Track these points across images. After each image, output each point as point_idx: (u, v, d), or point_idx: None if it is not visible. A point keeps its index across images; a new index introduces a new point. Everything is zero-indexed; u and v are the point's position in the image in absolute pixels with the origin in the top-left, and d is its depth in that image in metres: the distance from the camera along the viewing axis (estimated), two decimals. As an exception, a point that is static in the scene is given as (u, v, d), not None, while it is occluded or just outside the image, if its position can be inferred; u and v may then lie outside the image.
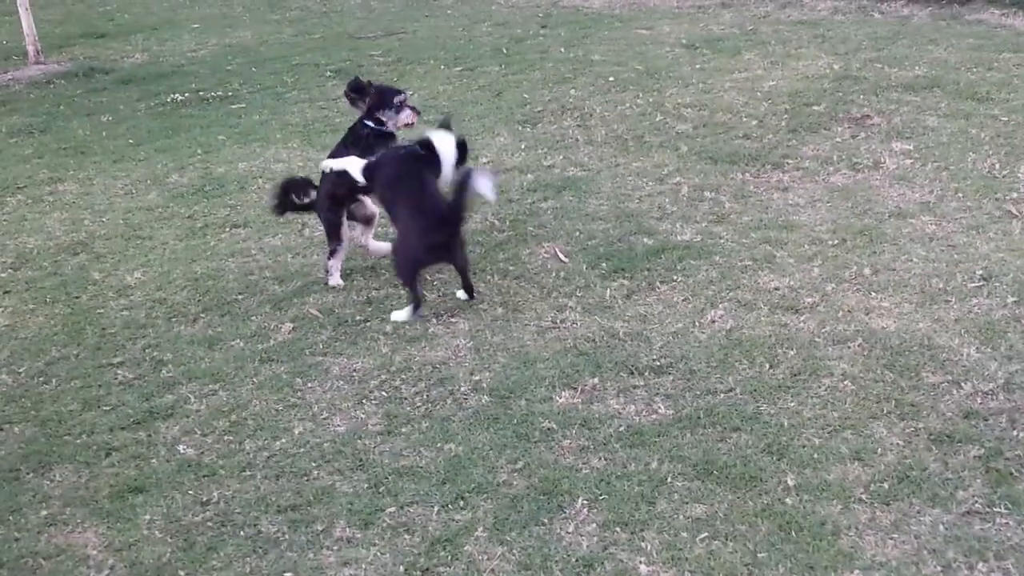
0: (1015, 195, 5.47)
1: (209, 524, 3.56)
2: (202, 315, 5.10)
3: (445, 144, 4.94)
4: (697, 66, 8.63)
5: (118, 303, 5.32)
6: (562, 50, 9.74)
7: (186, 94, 9.67)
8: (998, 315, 4.35)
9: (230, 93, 9.55)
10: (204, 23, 13.65)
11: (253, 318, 5.01)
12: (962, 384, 3.91)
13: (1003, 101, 6.89)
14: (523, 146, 7.04)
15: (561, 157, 6.75)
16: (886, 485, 3.42)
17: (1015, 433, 3.59)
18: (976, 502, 3.30)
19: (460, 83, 8.94)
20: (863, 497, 3.38)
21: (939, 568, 3.06)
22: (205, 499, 3.69)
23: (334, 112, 8.47)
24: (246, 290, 5.32)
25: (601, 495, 3.50)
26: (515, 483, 3.61)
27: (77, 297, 5.44)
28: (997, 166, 5.86)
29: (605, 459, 3.69)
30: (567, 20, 11.29)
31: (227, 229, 6.17)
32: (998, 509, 3.26)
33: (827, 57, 8.44)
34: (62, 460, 4.01)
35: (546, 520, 3.41)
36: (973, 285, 4.61)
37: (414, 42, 10.99)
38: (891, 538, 3.19)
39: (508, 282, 5.09)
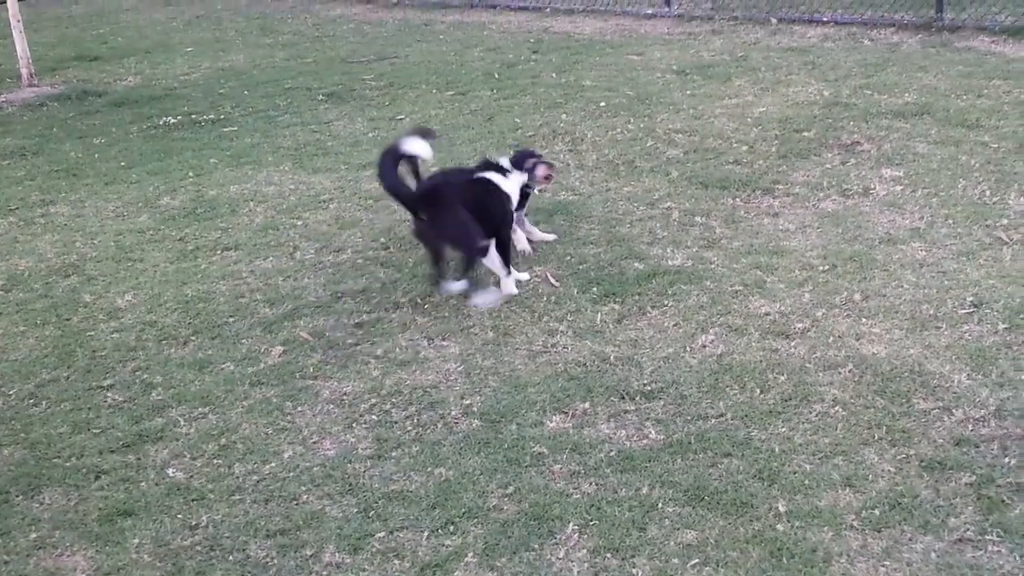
0: (1005, 222, 5.49)
1: (198, 548, 3.53)
2: (192, 338, 5.09)
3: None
4: (688, 92, 8.68)
5: (108, 325, 5.31)
6: (553, 75, 9.80)
7: (178, 117, 9.68)
8: (989, 342, 4.36)
9: (222, 116, 9.57)
10: (197, 47, 13.69)
11: (243, 341, 5.00)
12: (953, 411, 3.91)
13: (993, 128, 6.93)
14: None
15: (552, 182, 6.77)
16: (877, 512, 3.41)
17: (1007, 460, 3.60)
18: (968, 530, 3.30)
19: (452, 107, 8.97)
20: (854, 524, 3.37)
21: (931, 595, 3.05)
22: (194, 523, 3.67)
23: (326, 136, 8.49)
24: (236, 313, 5.31)
25: (592, 520, 3.48)
26: (505, 508, 3.60)
27: (68, 319, 5.42)
28: (987, 193, 5.89)
29: (596, 484, 3.68)
30: (558, 46, 11.35)
31: (218, 252, 6.16)
32: (990, 537, 3.26)
33: (817, 84, 8.50)
34: (51, 483, 3.99)
35: (536, 545, 3.40)
36: (964, 312, 4.62)
37: (406, 67, 11.04)
38: (883, 565, 3.19)
39: (499, 306, 5.09)
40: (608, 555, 3.32)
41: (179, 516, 3.71)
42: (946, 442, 3.73)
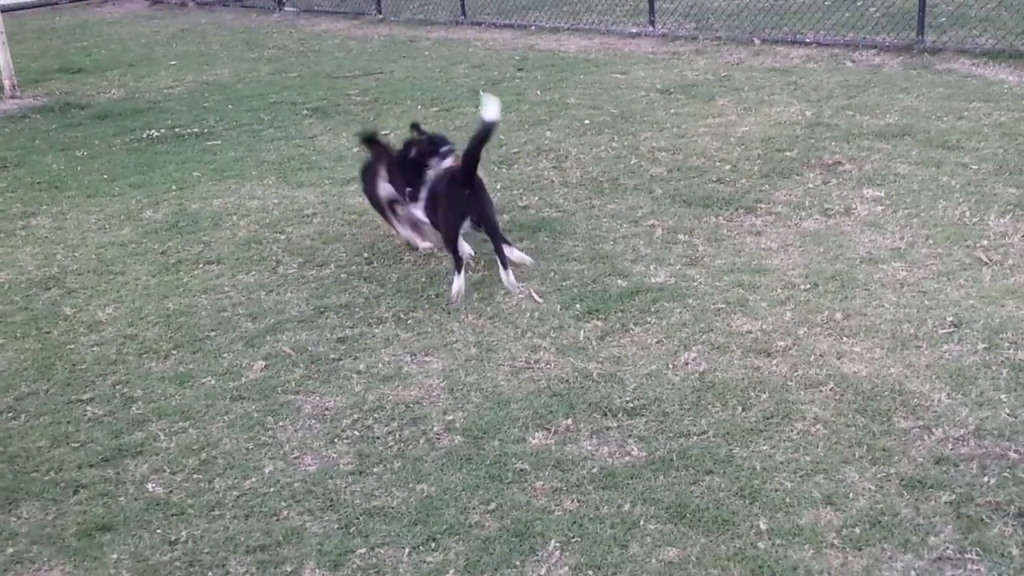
0: (985, 242, 5.54)
1: (177, 564, 3.51)
2: (173, 352, 5.06)
3: None
4: (671, 111, 8.72)
5: (89, 339, 5.28)
6: (538, 93, 9.83)
7: (162, 130, 9.66)
8: (969, 361, 4.39)
9: (206, 130, 9.56)
10: (181, 60, 13.67)
11: (225, 355, 4.98)
12: (933, 430, 3.93)
13: (973, 150, 7.00)
14: (499, 186, 7.07)
15: (536, 198, 6.79)
16: (858, 530, 3.42)
17: (986, 479, 3.62)
18: (947, 548, 3.31)
19: (437, 123, 8.99)
20: (835, 542, 3.38)
21: (911, 614, 3.06)
22: (173, 538, 3.64)
23: (311, 150, 8.49)
24: (218, 327, 5.29)
25: (574, 537, 3.48)
26: (487, 524, 3.59)
27: (48, 332, 5.39)
28: (967, 214, 5.94)
29: (578, 501, 3.67)
30: (543, 64, 11.40)
31: (200, 265, 6.14)
32: (969, 555, 3.27)
33: (799, 104, 8.56)
34: (29, 497, 3.95)
35: (518, 563, 3.39)
36: (944, 331, 4.65)
37: (391, 82, 11.06)
38: (863, 583, 3.19)
39: (482, 322, 5.10)
40: (590, 572, 3.31)
41: (158, 531, 3.69)
42: (926, 461, 3.75)
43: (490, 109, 5.27)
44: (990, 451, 3.77)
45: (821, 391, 4.25)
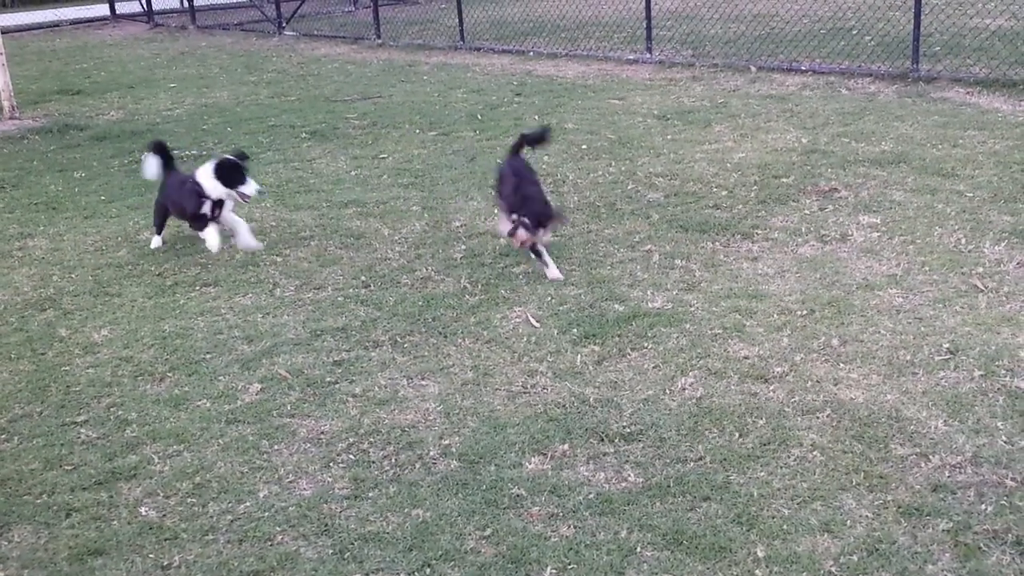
0: (981, 269, 5.55)
1: (169, 589, 3.48)
2: (169, 374, 5.05)
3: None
4: (668, 137, 8.76)
5: (84, 360, 5.26)
6: (536, 117, 9.87)
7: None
8: (965, 388, 4.38)
9: (204, 152, 9.57)
10: (180, 83, 13.72)
11: (220, 378, 4.96)
12: (930, 457, 3.92)
13: (968, 177, 7.03)
14: (496, 211, 7.08)
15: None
16: (855, 558, 3.41)
17: (983, 507, 3.60)
18: (945, 576, 3.29)
19: (435, 147, 9.02)
20: (832, 570, 3.36)
21: (908, 643, 3.04)
22: (166, 563, 3.61)
23: (309, 173, 8.50)
24: (214, 349, 5.27)
25: (570, 564, 3.46)
26: (483, 550, 3.57)
27: (43, 354, 5.37)
28: (963, 241, 5.95)
29: (574, 527, 3.66)
30: (541, 89, 11.45)
31: (197, 287, 6.14)
32: (967, 583, 3.26)
33: (796, 131, 8.60)
34: (21, 520, 3.92)
35: (514, 589, 3.36)
36: (940, 358, 4.65)
37: (390, 106, 11.10)
38: (860, 612, 3.17)
39: (479, 346, 5.09)
40: (585, 599, 3.29)
41: (151, 556, 3.66)
42: (923, 488, 3.74)
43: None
44: (987, 479, 3.76)
45: (818, 417, 4.24)
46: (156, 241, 6.97)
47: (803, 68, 11.33)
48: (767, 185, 7.20)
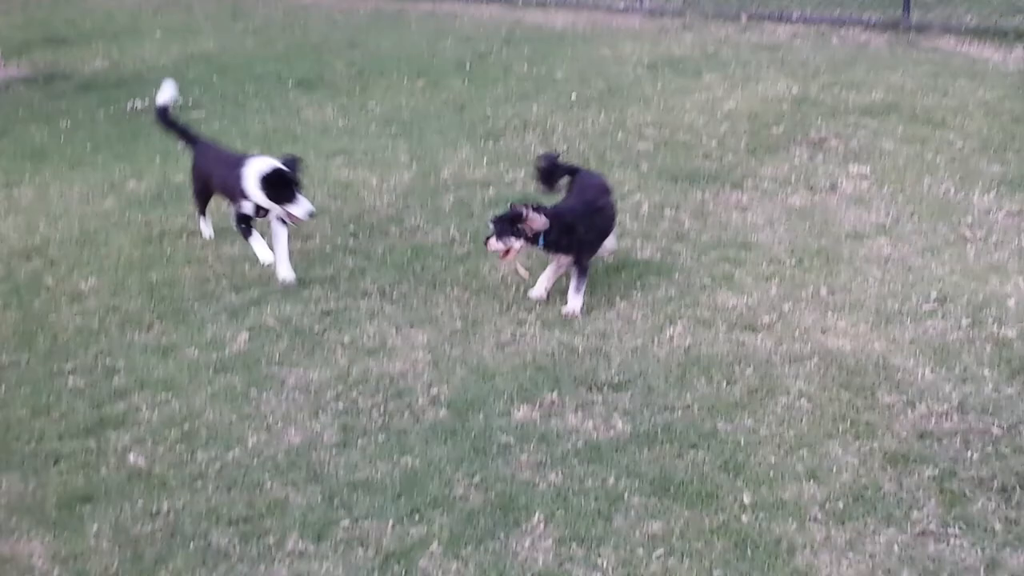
0: (969, 219, 5.55)
1: (158, 535, 3.49)
2: (156, 323, 5.02)
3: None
4: (659, 86, 8.69)
5: (71, 309, 5.23)
6: (525, 67, 9.77)
7: (146, 101, 9.54)
8: (952, 337, 4.40)
9: (190, 101, 9.45)
10: (166, 32, 13.52)
11: (208, 327, 4.94)
12: (916, 405, 3.94)
13: (958, 127, 7.00)
14: (485, 160, 7.04)
15: (523, 172, 6.76)
16: (841, 504, 3.43)
17: (969, 454, 3.63)
18: (930, 523, 3.32)
19: (423, 97, 8.93)
20: (818, 516, 3.39)
21: (892, 587, 3.08)
22: (155, 510, 3.62)
23: (296, 122, 8.42)
24: (202, 298, 5.25)
25: (558, 510, 3.48)
26: (471, 498, 3.58)
27: (30, 303, 5.34)
28: (952, 190, 5.94)
29: (562, 474, 3.67)
30: (530, 38, 11.33)
31: (184, 237, 6.09)
32: (952, 530, 3.29)
33: (786, 80, 8.54)
34: (9, 468, 3.92)
35: (502, 535, 3.39)
36: (928, 307, 4.66)
37: (378, 55, 10.97)
38: (846, 557, 3.21)
39: (468, 296, 5.08)
40: (574, 545, 3.31)
41: (140, 502, 3.66)
42: (909, 436, 3.76)
43: None
44: (973, 426, 3.79)
45: (805, 366, 4.26)
46: (206, 228, 6.02)
47: (794, 17, 11.24)
48: (757, 135, 7.16)
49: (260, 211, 5.35)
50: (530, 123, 7.81)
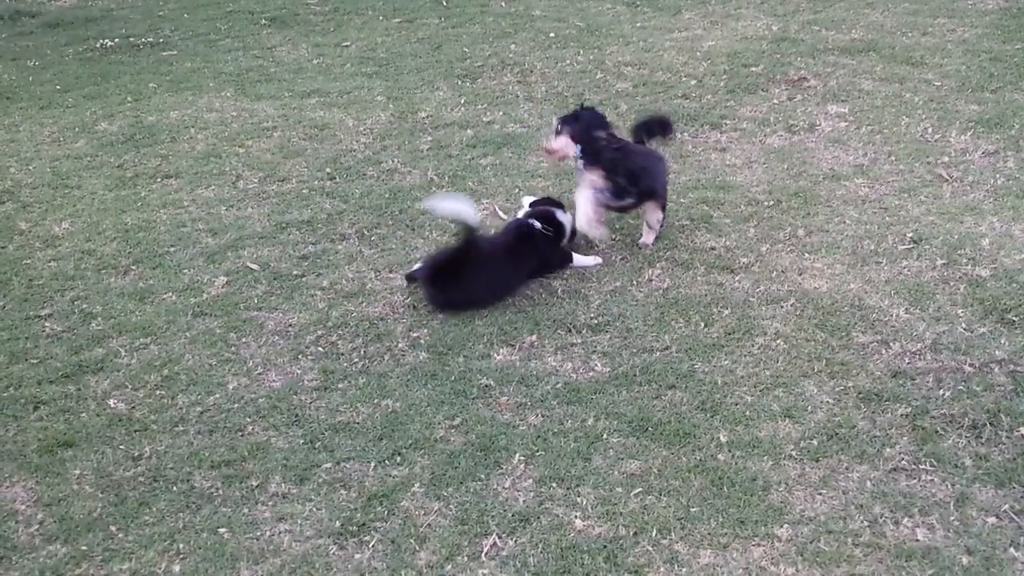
0: (946, 159, 5.57)
1: (141, 479, 3.51)
2: (133, 267, 5.00)
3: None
4: (638, 24, 8.61)
5: (45, 254, 5.19)
6: (503, 4, 9.65)
7: (116, 40, 9.39)
8: (927, 277, 4.44)
9: (161, 39, 9.31)
10: (134, -33, 13.24)
11: (185, 271, 4.92)
12: (891, 344, 3.99)
13: (937, 66, 6.99)
14: (463, 101, 6.98)
15: (501, 113, 6.71)
16: (815, 442, 3.49)
17: (941, 392, 3.69)
18: (902, 459, 3.39)
19: (399, 35, 8.82)
20: (793, 454, 3.45)
21: (866, 523, 3.14)
22: (136, 454, 3.64)
23: (269, 61, 8.31)
24: (178, 242, 5.22)
25: (538, 451, 3.52)
26: (452, 439, 3.62)
27: (3, 247, 5.29)
28: (929, 130, 5.96)
29: (542, 416, 3.71)
30: (508, -26, 11.16)
31: (158, 179, 6.03)
32: (923, 466, 3.35)
33: (766, 18, 8.48)
34: (-12, 414, 3.92)
35: (483, 476, 3.43)
36: (903, 247, 4.70)
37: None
38: (819, 494, 3.27)
39: (447, 239, 5.06)
40: (553, 484, 3.36)
41: (121, 447, 3.68)
42: (883, 374, 3.82)
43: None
44: (946, 365, 3.85)
45: (782, 307, 4.29)
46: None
47: (774, -47, 11.11)
48: (736, 74, 7.13)
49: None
50: (508, 62, 7.73)
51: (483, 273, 4.45)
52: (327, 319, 4.43)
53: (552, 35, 8.41)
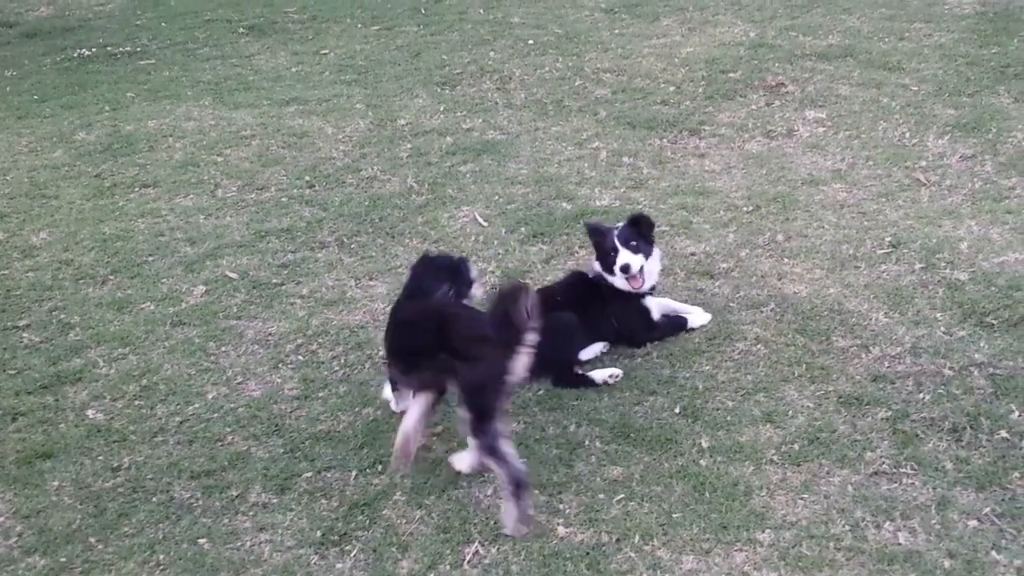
0: (924, 163, 5.60)
1: (120, 490, 3.49)
2: (111, 277, 4.96)
3: None
4: (616, 31, 8.63)
5: (23, 264, 5.15)
6: (481, 11, 9.65)
7: (93, 49, 9.34)
8: (906, 281, 4.46)
9: (139, 49, 9.26)
10: (111, -25, 13.18)
11: (164, 280, 4.89)
12: (870, 348, 4.01)
13: (914, 71, 7.03)
14: (442, 108, 6.97)
15: (480, 120, 6.71)
16: (796, 447, 3.50)
17: (921, 396, 3.71)
18: (883, 463, 3.40)
19: (378, 43, 8.81)
20: (774, 458, 3.45)
21: (847, 527, 3.15)
22: (115, 465, 3.61)
23: (248, 70, 8.28)
24: (156, 252, 5.19)
25: (520, 457, 3.50)
26: (434, 447, 3.61)
27: (-22, 258, 5.25)
28: (907, 135, 5.99)
29: (524, 422, 3.70)
30: (487, -19, 11.17)
31: (136, 189, 6.00)
32: (904, 470, 3.37)
33: (743, 24, 8.52)
34: (-36, 426, 3.88)
35: (465, 484, 3.42)
36: (882, 251, 4.72)
37: None
38: (801, 498, 3.28)
39: (427, 246, 5.06)
40: (536, 492, 3.35)
41: (100, 458, 3.65)
42: (863, 379, 3.83)
43: None
44: (925, 368, 3.86)
45: (762, 312, 4.30)
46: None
47: (751, -40, 11.16)
48: (715, 80, 7.15)
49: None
50: (487, 69, 7.73)
51: None
52: (307, 327, 4.41)
53: (531, 42, 8.42)
